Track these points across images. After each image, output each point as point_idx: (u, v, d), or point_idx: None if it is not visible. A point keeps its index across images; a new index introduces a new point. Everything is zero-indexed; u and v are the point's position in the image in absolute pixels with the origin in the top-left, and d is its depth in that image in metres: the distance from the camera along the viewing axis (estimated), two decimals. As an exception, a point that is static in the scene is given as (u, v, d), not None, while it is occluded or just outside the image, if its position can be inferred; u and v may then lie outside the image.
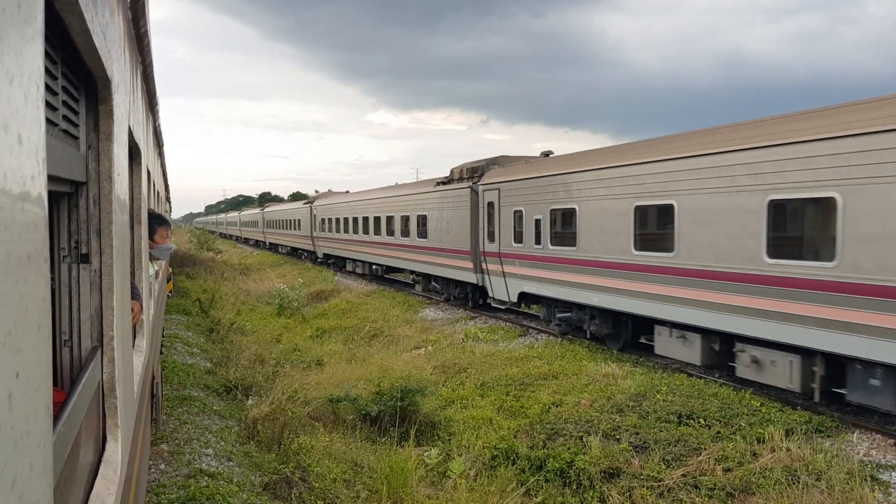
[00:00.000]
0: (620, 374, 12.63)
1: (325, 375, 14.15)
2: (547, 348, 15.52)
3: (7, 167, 0.99)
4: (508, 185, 18.31)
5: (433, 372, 14.43)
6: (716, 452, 8.95)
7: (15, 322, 1.03)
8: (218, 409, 10.68)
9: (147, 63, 4.95)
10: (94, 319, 2.61)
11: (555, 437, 10.06)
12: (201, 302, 22.86)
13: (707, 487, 8.26)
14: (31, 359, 1.11)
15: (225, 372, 13.49)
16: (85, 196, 2.54)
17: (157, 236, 6.48)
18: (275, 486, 7.82)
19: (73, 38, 1.98)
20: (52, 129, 1.87)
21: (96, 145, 2.58)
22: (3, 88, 0.97)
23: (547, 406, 11.36)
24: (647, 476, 8.63)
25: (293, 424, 9.84)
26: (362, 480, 8.41)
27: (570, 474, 8.91)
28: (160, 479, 7.12)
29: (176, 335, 16.60)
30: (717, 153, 11.43)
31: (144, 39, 4.23)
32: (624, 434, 9.77)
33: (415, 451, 9.21)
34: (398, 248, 26.07)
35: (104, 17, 2.32)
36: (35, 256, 1.17)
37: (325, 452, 9.04)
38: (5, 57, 0.99)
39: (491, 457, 9.55)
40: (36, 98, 1.18)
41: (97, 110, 2.58)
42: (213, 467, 7.64)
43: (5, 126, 0.98)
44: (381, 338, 19.30)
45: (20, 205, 1.06)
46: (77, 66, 2.32)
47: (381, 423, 10.79)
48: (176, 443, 8.30)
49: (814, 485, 8.05)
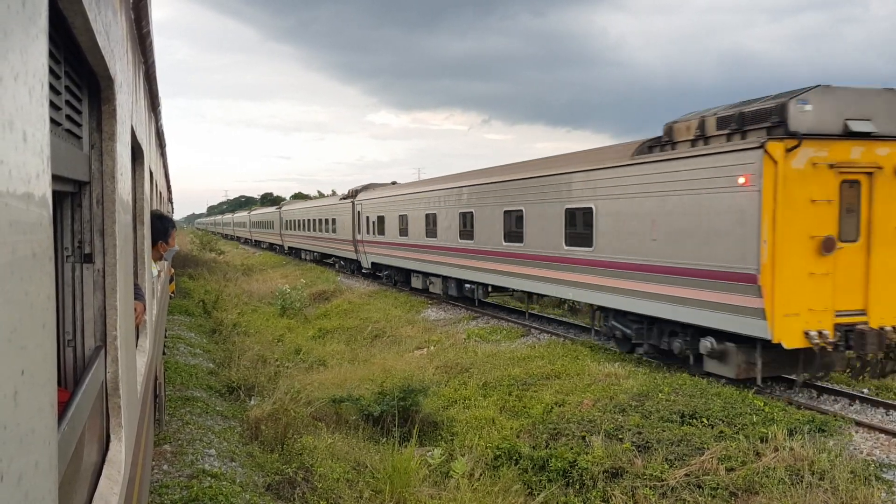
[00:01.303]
0: (623, 374, 12.61)
1: (328, 376, 14.15)
2: (549, 348, 15.51)
3: (12, 164, 0.99)
4: (364, 202, 30.49)
5: (435, 372, 14.43)
6: (719, 452, 8.93)
7: (20, 320, 1.03)
8: (221, 409, 10.68)
9: (149, 63, 4.96)
10: (98, 319, 2.61)
11: (557, 437, 10.05)
12: (205, 303, 22.87)
13: (710, 487, 8.25)
14: (35, 357, 1.11)
15: (227, 372, 13.49)
16: (88, 196, 2.54)
17: (170, 239, 6.51)
18: (278, 486, 7.82)
19: (77, 38, 1.98)
20: (55, 128, 1.87)
21: (99, 145, 2.58)
22: (8, 85, 0.97)
23: (549, 406, 11.35)
24: (650, 476, 8.62)
25: (296, 425, 9.84)
26: (365, 480, 8.41)
27: (572, 474, 8.91)
28: (163, 479, 7.12)
29: (179, 336, 16.61)
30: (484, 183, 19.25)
31: (147, 40, 4.23)
32: (627, 434, 9.76)
33: (417, 452, 9.21)
34: (327, 241, 38.31)
35: (107, 16, 2.32)
36: (40, 255, 1.17)
37: (328, 452, 9.04)
38: (10, 54, 0.99)
39: (493, 457, 9.55)
40: (40, 96, 1.18)
41: (100, 110, 2.58)
42: (215, 468, 7.64)
43: (10, 123, 0.98)
44: (384, 338, 19.30)
45: (25, 202, 1.06)
46: (80, 66, 2.33)
47: (384, 424, 10.78)
48: (179, 443, 8.30)
49: (817, 484, 8.03)
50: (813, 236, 10.51)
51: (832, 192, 10.62)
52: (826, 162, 10.55)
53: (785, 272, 10.45)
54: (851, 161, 10.70)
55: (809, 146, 10.46)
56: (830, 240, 10.46)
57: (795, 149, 10.35)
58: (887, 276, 10.91)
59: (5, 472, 0.92)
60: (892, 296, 10.94)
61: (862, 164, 10.78)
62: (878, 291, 10.88)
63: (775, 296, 10.40)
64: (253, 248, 67.04)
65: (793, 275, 10.47)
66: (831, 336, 10.53)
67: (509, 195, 18.22)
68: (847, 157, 10.68)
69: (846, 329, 10.62)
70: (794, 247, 10.48)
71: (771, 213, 10.38)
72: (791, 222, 10.43)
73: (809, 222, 10.52)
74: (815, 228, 10.54)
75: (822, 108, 10.67)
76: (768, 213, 10.39)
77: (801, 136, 10.36)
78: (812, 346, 10.45)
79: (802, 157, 10.47)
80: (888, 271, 10.90)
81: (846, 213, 10.85)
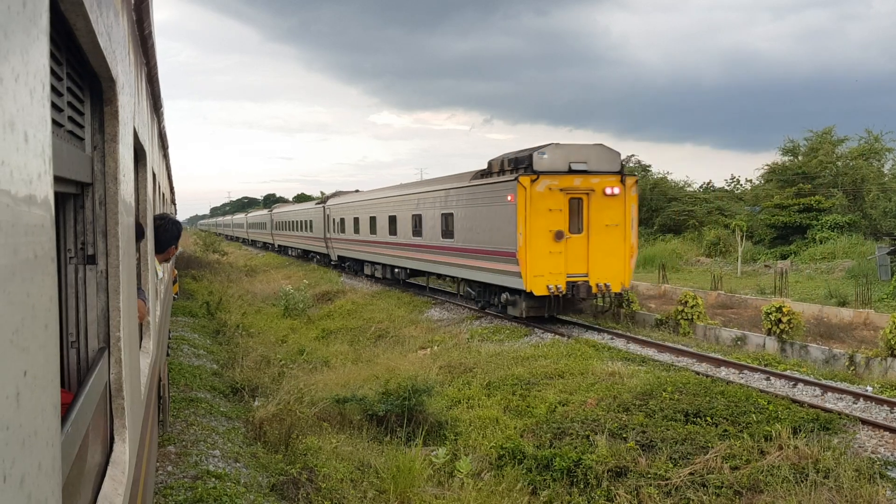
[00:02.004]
0: (626, 373, 12.61)
1: (332, 376, 14.16)
2: (552, 348, 15.51)
3: (13, 165, 0.99)
4: (332, 206, 37.40)
5: (439, 372, 14.43)
6: (723, 451, 8.93)
7: (22, 321, 1.03)
8: (225, 410, 10.69)
9: (152, 65, 4.96)
10: (101, 321, 2.61)
11: (561, 437, 10.05)
12: (208, 304, 22.89)
13: (714, 486, 8.24)
14: (38, 358, 1.11)
15: (231, 373, 13.51)
16: (91, 197, 2.54)
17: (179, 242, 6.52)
18: (282, 486, 7.82)
19: (78, 39, 1.98)
20: (57, 129, 1.87)
21: (102, 146, 2.58)
22: (9, 86, 0.97)
23: (553, 405, 11.34)
24: (655, 475, 8.61)
25: (300, 425, 9.84)
26: (369, 480, 8.41)
27: (576, 473, 8.90)
28: (167, 480, 7.12)
29: (182, 337, 16.63)
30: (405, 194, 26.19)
31: (149, 41, 4.23)
32: (631, 433, 9.75)
33: (422, 451, 9.21)
34: (306, 238, 44.40)
35: (109, 18, 2.32)
36: (42, 256, 1.17)
37: (332, 453, 9.04)
38: (10, 55, 0.98)
39: (498, 456, 9.54)
40: (41, 97, 1.18)
41: (102, 111, 2.58)
42: (220, 468, 7.64)
43: (11, 123, 0.98)
44: (387, 338, 19.31)
45: (27, 203, 1.06)
46: (82, 68, 2.33)
47: (388, 424, 10.79)
48: (183, 444, 8.30)
49: (822, 482, 8.02)
50: (551, 230, 17.13)
51: (563, 205, 17.36)
52: (558, 187, 17.27)
53: (532, 251, 17.05)
54: (574, 186, 17.46)
55: (546, 178, 17.14)
56: (561, 233, 17.16)
57: (536, 180, 17.04)
58: (599, 254, 17.60)
59: (8, 474, 0.92)
60: (602, 266, 17.59)
61: (581, 188, 17.54)
62: (594, 263, 17.54)
63: (527, 265, 17.03)
64: (256, 250, 67.13)
65: (538, 253, 17.09)
66: (564, 289, 17.17)
67: (414, 203, 24.89)
68: (571, 185, 17.43)
69: (573, 284, 17.30)
70: (538, 236, 17.07)
71: (524, 217, 17.01)
72: (536, 222, 17.05)
73: (548, 222, 17.15)
74: (552, 226, 17.17)
75: (555, 156, 17.44)
76: (522, 217, 17.02)
77: (540, 173, 17.12)
78: (550, 294, 17.18)
79: (542, 184, 17.11)
80: (599, 251, 17.62)
81: (573, 216, 17.50)
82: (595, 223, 17.49)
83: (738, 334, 17.10)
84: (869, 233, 36.46)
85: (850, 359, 14.14)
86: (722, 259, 37.19)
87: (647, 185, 47.91)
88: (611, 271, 17.62)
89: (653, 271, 32.26)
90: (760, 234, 40.98)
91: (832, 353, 14.83)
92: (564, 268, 17.20)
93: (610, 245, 17.65)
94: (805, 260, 34.28)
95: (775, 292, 24.23)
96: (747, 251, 36.32)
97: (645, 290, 26.63)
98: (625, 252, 17.77)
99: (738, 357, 14.50)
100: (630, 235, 17.82)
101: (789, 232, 38.86)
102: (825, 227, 36.83)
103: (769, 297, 22.78)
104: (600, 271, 17.54)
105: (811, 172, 42.04)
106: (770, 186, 44.98)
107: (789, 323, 15.71)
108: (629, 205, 17.84)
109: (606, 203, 17.59)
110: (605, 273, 17.56)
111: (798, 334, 16.06)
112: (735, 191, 55.65)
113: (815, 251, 34.72)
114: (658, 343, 15.85)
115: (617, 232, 17.70)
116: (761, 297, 23.51)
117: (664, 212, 46.25)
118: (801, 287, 26.75)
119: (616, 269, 17.66)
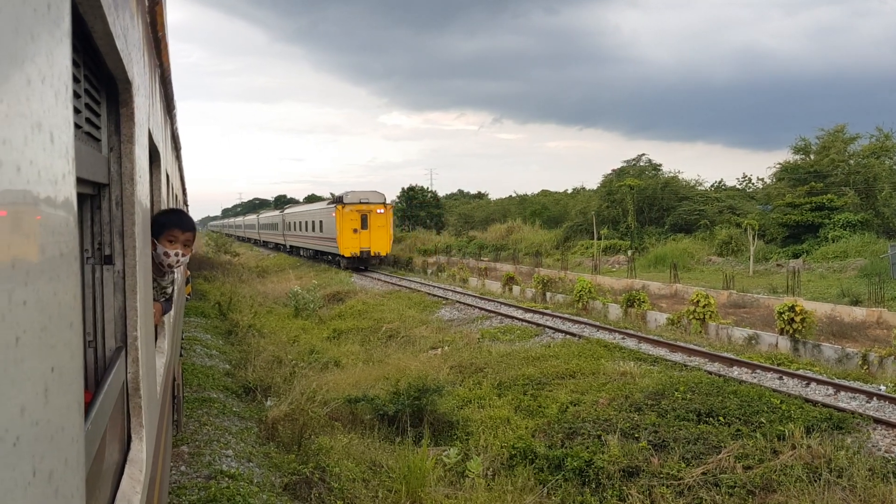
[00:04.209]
0: (638, 373, 12.58)
1: (343, 376, 14.20)
2: (563, 348, 15.49)
3: (41, 166, 1.00)
4: (286, 214, 58.79)
5: (450, 372, 14.44)
6: (736, 450, 8.89)
7: (49, 318, 1.05)
8: (237, 410, 10.74)
9: (165, 67, 4.99)
10: (118, 320, 2.63)
11: (573, 437, 10.04)
12: (220, 305, 22.99)
13: (727, 485, 8.21)
14: (64, 355, 1.13)
15: (243, 373, 13.56)
16: (108, 198, 2.56)
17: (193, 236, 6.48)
18: (294, 486, 7.85)
19: (96, 42, 2.00)
20: (76, 130, 1.89)
21: (118, 148, 2.60)
22: (36, 87, 0.99)
23: (564, 405, 11.33)
24: (667, 475, 8.59)
25: (312, 425, 9.87)
26: (381, 480, 8.43)
27: (588, 473, 8.89)
28: (181, 480, 7.17)
29: (195, 337, 16.72)
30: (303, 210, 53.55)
31: (162, 43, 4.26)
32: (643, 433, 9.73)
33: (433, 451, 9.22)
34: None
35: (125, 20, 2.34)
36: (67, 255, 1.19)
37: (344, 452, 9.07)
38: (37, 57, 1.00)
39: (509, 456, 9.54)
40: (65, 98, 1.19)
41: (118, 113, 2.60)
42: (233, 468, 7.69)
43: (38, 124, 0.99)
44: (398, 338, 19.34)
45: (53, 204, 1.08)
46: (99, 70, 2.35)
47: (399, 424, 10.80)
48: (196, 444, 8.35)
49: (835, 482, 7.98)
50: (353, 229, 39.09)
51: (357, 218, 39.28)
52: (356, 210, 39.29)
53: (343, 238, 39.31)
54: (363, 208, 39.40)
55: (348, 206, 39.34)
56: (356, 229, 39.43)
57: (343, 207, 39.31)
58: (376, 239, 39.50)
59: (37, 469, 0.93)
60: (377, 244, 39.52)
61: (365, 209, 39.33)
62: (373, 243, 39.39)
63: (341, 243, 39.42)
64: (268, 251, 67.38)
65: (346, 238, 39.25)
66: (359, 254, 39.32)
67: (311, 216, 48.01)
68: (362, 209, 39.37)
69: (364, 251, 39.24)
70: (346, 231, 39.22)
71: (339, 223, 39.30)
72: (345, 225, 39.22)
73: (351, 225, 39.18)
74: (352, 227, 39.19)
75: (353, 196, 40.10)
76: (338, 223, 39.42)
77: (345, 203, 39.47)
78: (352, 256, 39.46)
79: (347, 209, 39.29)
80: (376, 238, 39.48)
81: (363, 222, 39.20)
82: (373, 225, 39.33)
83: (751, 333, 17.03)
84: (881, 231, 36.21)
85: (864, 358, 14.05)
86: (734, 258, 37.01)
87: (657, 184, 47.71)
88: (380, 246, 39.75)
89: (664, 271, 32.15)
90: (772, 232, 40.74)
91: (845, 352, 14.74)
92: (359, 244, 39.20)
93: (380, 235, 39.70)
94: (817, 259, 34.07)
95: (787, 291, 24.10)
96: (759, 250, 36.13)
97: (656, 289, 26.57)
98: (387, 239, 40.21)
99: (751, 356, 14.45)
100: (390, 231, 40.62)
101: (801, 231, 38.64)
102: (837, 226, 36.59)
103: (781, 296, 22.67)
104: (376, 247, 39.55)
105: (823, 171, 41.81)
106: (782, 185, 44.73)
107: (802, 322, 15.64)
108: (389, 217, 40.18)
109: (378, 216, 39.35)
110: (378, 247, 39.62)
111: (811, 333, 15.99)
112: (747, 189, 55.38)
113: (828, 250, 34.50)
114: (670, 343, 15.86)
115: (384, 229, 39.76)
116: (773, 296, 23.40)
117: (675, 211, 46.05)
118: (814, 286, 26.59)
119: (383, 246, 39.90)
